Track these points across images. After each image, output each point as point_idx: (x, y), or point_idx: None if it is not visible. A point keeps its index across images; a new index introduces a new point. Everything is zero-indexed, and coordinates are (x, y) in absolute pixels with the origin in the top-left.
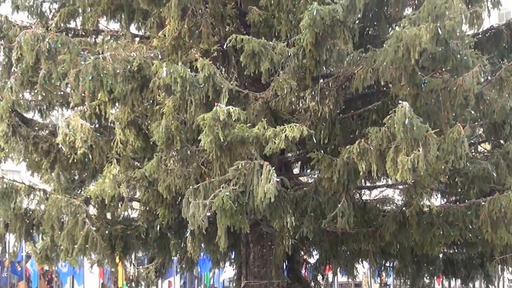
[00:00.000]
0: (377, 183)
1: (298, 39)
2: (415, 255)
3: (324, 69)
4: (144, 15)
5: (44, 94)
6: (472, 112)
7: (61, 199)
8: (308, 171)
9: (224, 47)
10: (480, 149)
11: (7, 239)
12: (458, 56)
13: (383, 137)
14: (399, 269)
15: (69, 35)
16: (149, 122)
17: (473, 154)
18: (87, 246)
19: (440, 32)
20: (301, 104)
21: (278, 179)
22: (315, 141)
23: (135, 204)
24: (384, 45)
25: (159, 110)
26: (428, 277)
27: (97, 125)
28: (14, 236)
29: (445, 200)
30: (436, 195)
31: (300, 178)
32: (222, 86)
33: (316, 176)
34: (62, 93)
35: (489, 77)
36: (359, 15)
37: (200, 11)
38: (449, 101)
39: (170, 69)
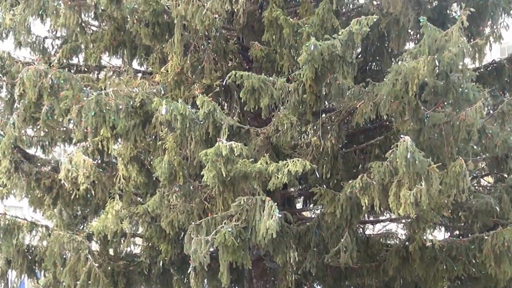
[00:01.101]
0: (380, 218)
1: (298, 74)
2: None
3: (326, 103)
4: (147, 51)
5: (46, 130)
6: (474, 146)
7: (63, 235)
8: (311, 205)
9: (225, 83)
10: (483, 183)
11: (9, 275)
12: (459, 89)
13: (386, 172)
14: None
15: (72, 71)
16: (151, 157)
17: (476, 188)
18: (89, 282)
19: (438, 64)
20: (302, 139)
21: (280, 215)
22: (318, 176)
23: (138, 240)
24: (385, 79)
25: (162, 145)
26: None
27: (99, 161)
28: (16, 272)
29: (448, 234)
30: (440, 229)
31: (303, 213)
32: (222, 123)
33: (319, 211)
34: (64, 129)
35: (491, 111)
36: (360, 50)
37: (202, 46)
38: (452, 135)
39: (170, 106)
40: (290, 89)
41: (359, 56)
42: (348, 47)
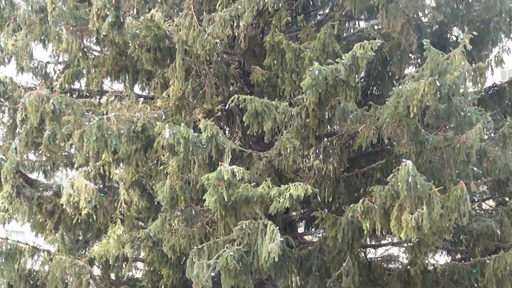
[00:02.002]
0: (382, 242)
1: (301, 98)
2: None
3: (328, 127)
4: (148, 76)
5: (48, 155)
6: (475, 169)
7: (65, 260)
8: (313, 229)
9: (227, 107)
10: (485, 206)
11: None
12: (462, 112)
13: (387, 196)
14: None
15: (74, 96)
16: (153, 182)
17: (478, 211)
18: None
19: (440, 87)
20: (304, 163)
21: (282, 239)
22: (319, 200)
23: (140, 265)
24: (386, 102)
25: (163, 170)
26: None
27: (101, 186)
28: None
29: (450, 258)
30: (441, 253)
31: (304, 237)
32: (225, 146)
33: (320, 235)
34: (66, 153)
35: (492, 134)
36: (362, 74)
37: (204, 71)
38: (453, 158)
39: (173, 130)
40: (293, 113)
41: (362, 80)
42: (352, 71)
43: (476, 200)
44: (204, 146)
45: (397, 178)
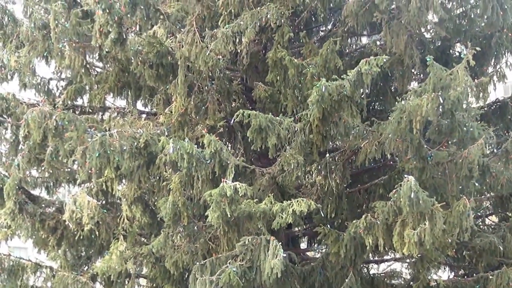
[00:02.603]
0: (385, 257)
1: (305, 114)
2: None
3: (330, 143)
4: (151, 92)
5: (51, 171)
6: (477, 184)
7: (67, 276)
8: (316, 245)
9: (231, 122)
10: (488, 222)
11: None
12: (464, 128)
13: (390, 211)
14: None
15: (76, 112)
16: (155, 198)
17: (481, 227)
18: None
19: (441, 101)
20: (307, 179)
21: (285, 254)
22: (322, 215)
23: (142, 281)
24: (389, 117)
25: (166, 186)
26: None
27: (103, 202)
28: None
29: (453, 274)
30: (444, 268)
31: (307, 252)
32: (229, 162)
33: (323, 250)
34: (69, 170)
35: (495, 150)
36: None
37: (206, 87)
38: (455, 173)
39: (177, 145)
40: (296, 129)
41: (363, 96)
42: (357, 87)
43: (479, 215)
44: (208, 162)
45: (399, 193)
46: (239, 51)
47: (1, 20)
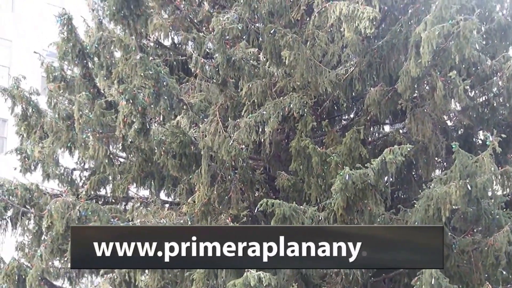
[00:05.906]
0: None
1: (329, 203)
2: None
3: None
4: (174, 182)
5: None
6: (504, 272)
7: None
8: None
9: (255, 212)
10: None
11: None
12: (490, 215)
13: None
14: None
15: (99, 202)
16: None
17: None
18: None
19: (470, 189)
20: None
21: None
22: None
23: None
24: (415, 205)
25: (189, 276)
26: None
27: None
28: None
29: None
30: None
31: None
32: None
33: None
34: None
35: None
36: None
37: (229, 177)
38: (481, 261)
39: None
40: (321, 218)
41: (387, 184)
42: (381, 176)
43: None
44: None
45: (421, 281)
46: (262, 140)
47: (25, 111)
